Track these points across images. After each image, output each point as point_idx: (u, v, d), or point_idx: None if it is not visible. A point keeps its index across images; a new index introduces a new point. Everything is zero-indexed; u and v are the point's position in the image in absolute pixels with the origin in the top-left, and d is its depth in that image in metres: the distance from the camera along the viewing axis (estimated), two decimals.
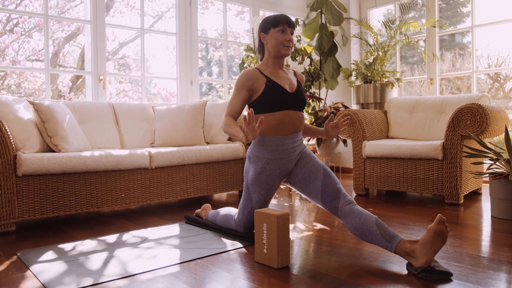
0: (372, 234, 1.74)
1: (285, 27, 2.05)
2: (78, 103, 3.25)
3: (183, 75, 4.37)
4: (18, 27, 5.47)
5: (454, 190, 2.95)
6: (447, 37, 4.82)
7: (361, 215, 1.81)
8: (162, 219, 2.71)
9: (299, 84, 2.15)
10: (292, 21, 2.08)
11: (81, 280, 1.60)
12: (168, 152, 3.00)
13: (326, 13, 4.63)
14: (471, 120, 2.83)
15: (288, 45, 2.05)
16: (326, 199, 1.94)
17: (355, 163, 3.50)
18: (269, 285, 1.54)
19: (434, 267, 1.58)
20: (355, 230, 1.80)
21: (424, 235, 1.61)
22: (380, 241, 1.71)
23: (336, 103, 4.57)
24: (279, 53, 2.06)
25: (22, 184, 2.40)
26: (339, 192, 1.93)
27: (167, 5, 6.26)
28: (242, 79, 2.04)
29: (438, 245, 1.59)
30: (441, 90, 4.65)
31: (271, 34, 2.06)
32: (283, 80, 2.09)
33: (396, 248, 1.67)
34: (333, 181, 1.98)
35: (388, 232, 1.72)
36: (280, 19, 2.05)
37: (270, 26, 2.06)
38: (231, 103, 2.07)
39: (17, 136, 2.51)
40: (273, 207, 3.07)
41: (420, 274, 1.57)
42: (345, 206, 1.87)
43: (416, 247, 1.62)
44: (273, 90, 2.02)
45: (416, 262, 1.60)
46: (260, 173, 2.04)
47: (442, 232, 1.58)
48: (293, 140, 2.06)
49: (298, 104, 2.07)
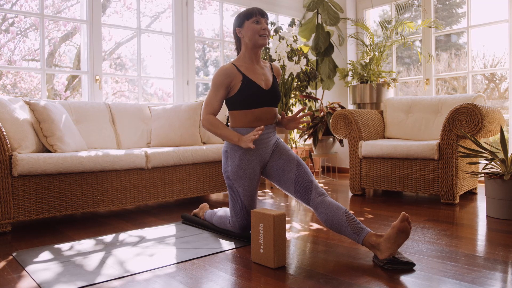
0: (341, 226, 1.81)
1: (259, 17, 2.07)
2: (74, 103, 3.24)
3: (179, 75, 4.36)
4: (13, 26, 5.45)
5: (450, 190, 2.96)
6: (443, 37, 4.84)
7: (331, 207, 1.87)
8: (158, 219, 2.71)
9: (274, 79, 2.16)
10: (265, 12, 2.11)
11: (77, 281, 1.60)
12: (164, 152, 3.00)
13: (323, 13, 4.64)
14: (467, 120, 2.84)
15: (264, 33, 2.06)
16: (298, 191, 1.99)
17: (351, 163, 3.51)
18: (266, 285, 1.54)
19: (398, 258, 1.69)
20: (325, 222, 1.87)
21: (389, 231, 1.71)
22: (349, 233, 1.80)
23: (333, 103, 4.58)
24: (256, 42, 2.07)
25: (17, 184, 2.39)
26: (311, 184, 1.98)
27: (164, 5, 6.25)
28: (220, 76, 2.04)
29: (401, 240, 1.69)
30: (437, 90, 4.66)
31: (246, 26, 2.07)
32: (259, 76, 2.10)
33: (363, 240, 1.76)
34: (306, 173, 2.03)
35: (357, 224, 1.80)
36: (252, 11, 2.08)
37: (244, 19, 2.09)
38: (210, 101, 2.07)
39: (12, 136, 2.50)
40: (269, 207, 3.07)
41: (386, 265, 1.67)
42: (317, 198, 1.93)
43: (381, 241, 1.71)
44: (248, 88, 2.04)
45: (381, 255, 1.70)
46: (239, 164, 2.07)
47: (405, 229, 1.68)
48: (267, 131, 2.10)
49: (272, 100, 2.11)
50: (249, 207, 2.09)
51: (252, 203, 2.10)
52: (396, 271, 1.64)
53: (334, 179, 4.65)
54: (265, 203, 3.21)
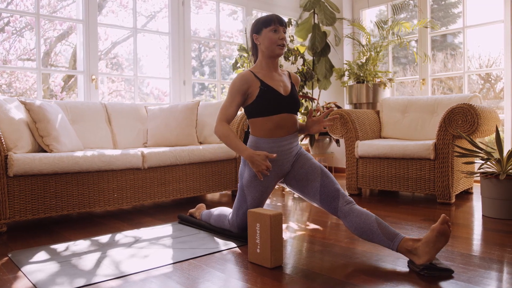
0: (373, 234, 1.75)
1: (277, 26, 2.02)
2: (70, 103, 3.23)
3: (176, 75, 4.36)
4: (9, 26, 5.42)
5: (445, 190, 2.97)
6: (438, 37, 4.85)
7: (361, 214, 1.81)
8: (155, 219, 2.70)
9: (293, 86, 2.12)
10: (284, 20, 2.05)
11: (74, 281, 1.59)
12: (161, 152, 2.99)
13: (319, 13, 4.64)
14: (463, 120, 2.86)
15: (282, 43, 2.02)
16: (325, 200, 1.94)
17: (347, 163, 3.52)
18: (262, 284, 1.54)
19: (436, 264, 1.61)
20: (355, 230, 1.81)
21: (428, 234, 1.63)
22: (382, 240, 1.73)
23: (329, 103, 4.59)
24: (273, 52, 2.03)
25: (13, 184, 2.38)
26: (338, 193, 1.93)
27: (160, 5, 6.24)
28: (238, 83, 2.00)
29: (441, 244, 1.61)
30: (433, 90, 4.68)
31: (264, 34, 2.03)
32: (277, 82, 2.06)
33: (398, 246, 1.69)
34: (332, 181, 1.98)
35: (390, 230, 1.74)
36: (271, 18, 2.02)
37: (262, 27, 2.03)
38: (226, 107, 2.02)
39: (8, 136, 2.49)
40: (266, 207, 3.07)
41: (422, 271, 1.59)
42: (345, 206, 1.88)
43: (418, 246, 1.64)
44: (267, 94, 2.00)
45: (419, 260, 1.62)
46: (255, 175, 2.02)
47: (445, 232, 1.60)
48: (289, 141, 2.05)
49: (292, 107, 2.05)
50: None
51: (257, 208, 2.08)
52: (390, 271, 1.64)
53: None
54: None
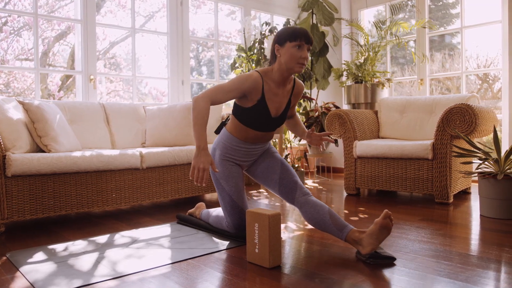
0: (325, 224, 1.86)
1: (303, 42, 1.89)
2: (68, 103, 3.23)
3: (174, 75, 4.35)
4: (7, 26, 5.41)
5: (444, 190, 2.97)
6: (436, 37, 4.86)
7: (315, 205, 1.92)
8: (153, 219, 2.70)
9: (288, 104, 2.08)
10: (311, 37, 1.93)
11: (72, 281, 1.59)
12: (159, 152, 2.99)
13: (317, 14, 4.65)
14: (461, 120, 2.86)
15: (303, 62, 1.90)
16: (283, 191, 2.05)
17: (346, 163, 3.52)
18: (261, 284, 1.54)
19: (380, 253, 1.75)
20: (310, 220, 1.92)
21: (371, 227, 1.77)
22: (333, 230, 1.85)
23: (327, 103, 4.59)
24: (291, 70, 1.93)
25: (11, 184, 2.38)
26: (296, 184, 2.03)
27: (158, 5, 6.23)
28: (245, 81, 1.92)
29: (383, 236, 1.75)
30: (431, 91, 4.69)
31: (286, 48, 1.91)
32: (275, 101, 2.01)
33: (346, 236, 1.82)
34: (290, 174, 2.08)
35: (340, 222, 1.85)
36: (298, 33, 1.89)
37: (286, 39, 1.91)
38: (220, 90, 1.89)
39: (6, 136, 2.48)
40: (264, 207, 3.08)
41: (368, 260, 1.74)
42: (301, 197, 1.98)
43: (363, 237, 1.77)
44: (258, 111, 1.98)
45: (363, 250, 1.76)
46: (225, 165, 2.11)
47: (387, 225, 1.74)
48: (259, 146, 2.15)
49: (275, 126, 2.11)
50: (239, 203, 2.09)
51: (242, 199, 2.11)
52: (388, 271, 1.65)
53: (329, 179, 4.66)
54: (260, 203, 3.21)
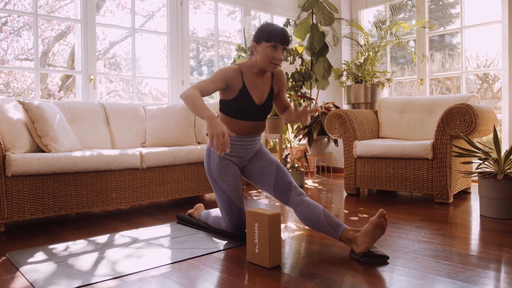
0: (319, 223, 1.87)
1: (278, 44, 1.94)
2: (68, 103, 3.23)
3: (174, 74, 4.35)
4: (7, 26, 5.41)
5: (444, 190, 2.97)
6: (436, 37, 4.86)
7: (310, 205, 1.93)
8: (153, 219, 2.70)
9: (270, 92, 2.13)
10: (288, 38, 1.96)
11: (72, 281, 1.59)
12: (159, 152, 2.99)
13: (317, 14, 4.65)
14: (461, 120, 2.86)
15: (276, 63, 1.97)
16: (278, 191, 2.06)
17: (346, 163, 3.52)
18: (261, 284, 1.54)
19: (373, 252, 1.76)
20: (304, 220, 1.92)
21: (366, 226, 1.78)
22: (327, 230, 1.86)
23: (327, 103, 4.59)
24: (264, 68, 2.03)
25: (11, 184, 2.38)
26: (291, 185, 2.04)
27: (158, 4, 6.23)
28: (227, 72, 2.00)
29: (377, 235, 1.77)
30: (431, 91, 4.69)
31: (262, 47, 1.96)
32: (257, 89, 2.08)
33: (341, 235, 1.83)
34: (285, 175, 2.08)
35: (334, 221, 1.87)
36: (274, 34, 1.93)
37: (263, 39, 1.96)
38: (204, 82, 1.95)
39: (6, 136, 2.48)
40: (264, 207, 3.08)
41: (361, 258, 1.75)
42: (296, 198, 1.99)
43: (358, 235, 1.78)
44: (242, 100, 2.04)
45: (357, 248, 1.77)
46: (221, 162, 2.11)
47: (382, 224, 1.75)
48: (252, 139, 2.15)
49: (262, 115, 2.13)
50: (237, 202, 2.10)
51: (239, 198, 2.11)
52: (388, 271, 1.65)
53: (329, 179, 4.66)
54: (260, 203, 3.21)
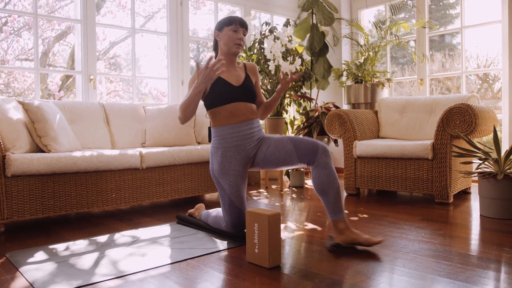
0: (328, 196, 1.94)
1: (237, 26, 2.18)
2: (68, 103, 3.23)
3: (174, 75, 4.36)
4: (7, 26, 5.41)
5: (443, 190, 2.97)
6: (437, 37, 4.86)
7: (330, 175, 1.95)
8: (153, 220, 2.70)
9: (247, 77, 2.25)
10: (246, 23, 2.22)
11: (72, 281, 1.59)
12: (159, 152, 2.99)
13: (317, 14, 4.65)
14: (461, 120, 2.86)
15: (239, 43, 2.18)
16: (303, 153, 2.00)
17: (346, 163, 3.52)
18: (261, 284, 1.54)
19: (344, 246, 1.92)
20: (316, 184, 1.96)
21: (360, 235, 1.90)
22: (329, 207, 1.95)
23: (327, 103, 4.59)
24: (230, 50, 2.19)
25: (11, 184, 2.38)
26: (317, 145, 1.99)
27: (158, 5, 6.23)
28: (194, 76, 2.11)
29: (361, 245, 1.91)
30: (431, 91, 4.69)
31: (224, 32, 2.19)
32: (231, 75, 2.20)
33: (336, 220, 1.94)
34: (304, 139, 2.05)
35: (339, 205, 1.94)
36: (233, 19, 2.18)
37: (224, 25, 2.19)
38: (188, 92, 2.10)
39: (6, 136, 2.48)
40: (264, 207, 3.08)
41: (332, 247, 1.93)
42: (324, 159, 1.96)
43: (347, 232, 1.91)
44: (218, 85, 2.14)
45: (337, 238, 1.93)
46: (222, 161, 2.12)
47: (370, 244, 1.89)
48: (249, 127, 2.16)
49: (245, 95, 2.18)
50: (238, 203, 2.10)
51: (240, 199, 2.12)
52: (388, 271, 1.65)
53: None
54: (260, 203, 3.21)
